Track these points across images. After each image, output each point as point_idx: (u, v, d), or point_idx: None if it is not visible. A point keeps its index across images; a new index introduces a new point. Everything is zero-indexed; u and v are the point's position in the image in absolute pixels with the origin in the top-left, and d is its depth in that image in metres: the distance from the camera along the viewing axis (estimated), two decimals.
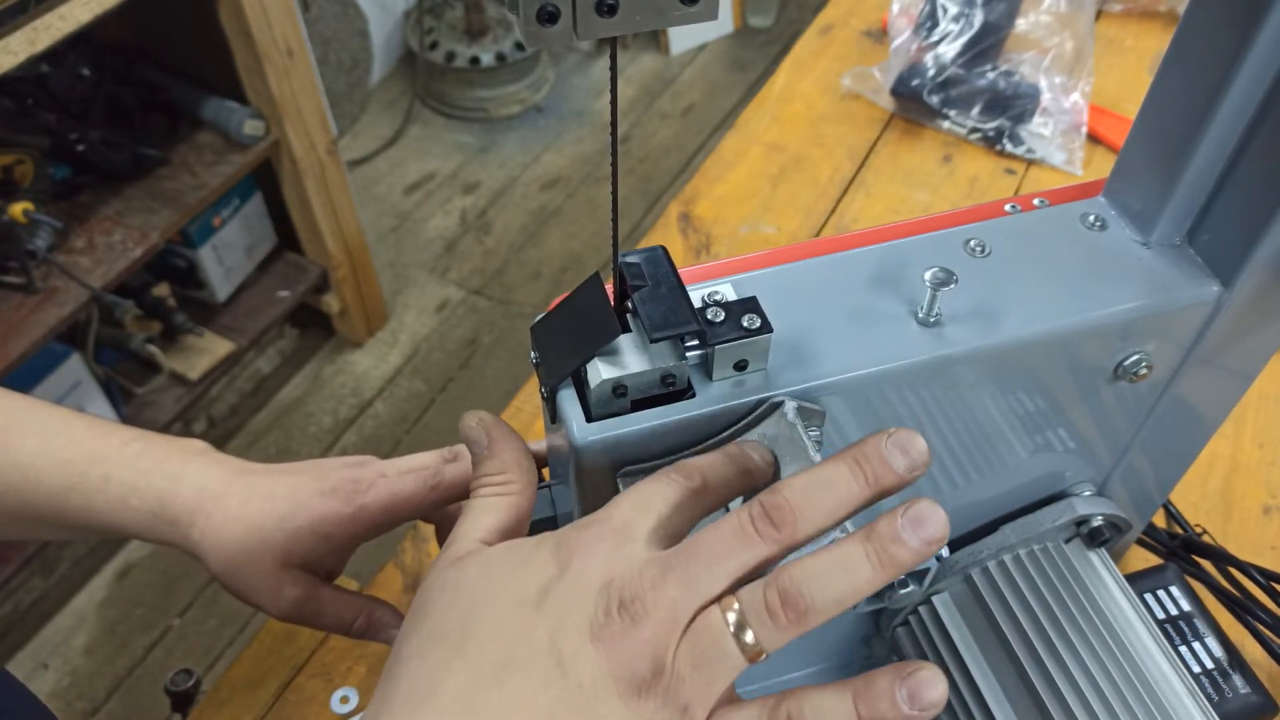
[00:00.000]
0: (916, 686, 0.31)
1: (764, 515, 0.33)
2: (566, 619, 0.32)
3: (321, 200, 1.71)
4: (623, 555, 0.33)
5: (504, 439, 0.40)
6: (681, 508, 0.35)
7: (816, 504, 0.33)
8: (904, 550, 0.31)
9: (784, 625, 0.31)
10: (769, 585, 0.31)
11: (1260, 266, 0.43)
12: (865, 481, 0.33)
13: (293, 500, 0.50)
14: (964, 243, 0.45)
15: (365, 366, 1.96)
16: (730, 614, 0.31)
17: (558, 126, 2.46)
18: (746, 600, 0.32)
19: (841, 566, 0.31)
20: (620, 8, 0.30)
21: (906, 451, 0.33)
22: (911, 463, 0.33)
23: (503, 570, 0.34)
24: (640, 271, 0.39)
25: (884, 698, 0.31)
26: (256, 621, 1.59)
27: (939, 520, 0.31)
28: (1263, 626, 0.62)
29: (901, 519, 0.31)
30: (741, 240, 0.94)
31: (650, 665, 0.31)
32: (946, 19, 1.01)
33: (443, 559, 0.36)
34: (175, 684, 0.69)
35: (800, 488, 0.33)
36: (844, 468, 0.33)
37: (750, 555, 0.32)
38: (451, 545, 0.37)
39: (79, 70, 1.50)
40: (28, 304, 1.37)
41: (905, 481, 0.33)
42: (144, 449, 0.51)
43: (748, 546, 0.32)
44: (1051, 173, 0.99)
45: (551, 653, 0.32)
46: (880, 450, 0.33)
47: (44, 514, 0.50)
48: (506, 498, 0.39)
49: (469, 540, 0.37)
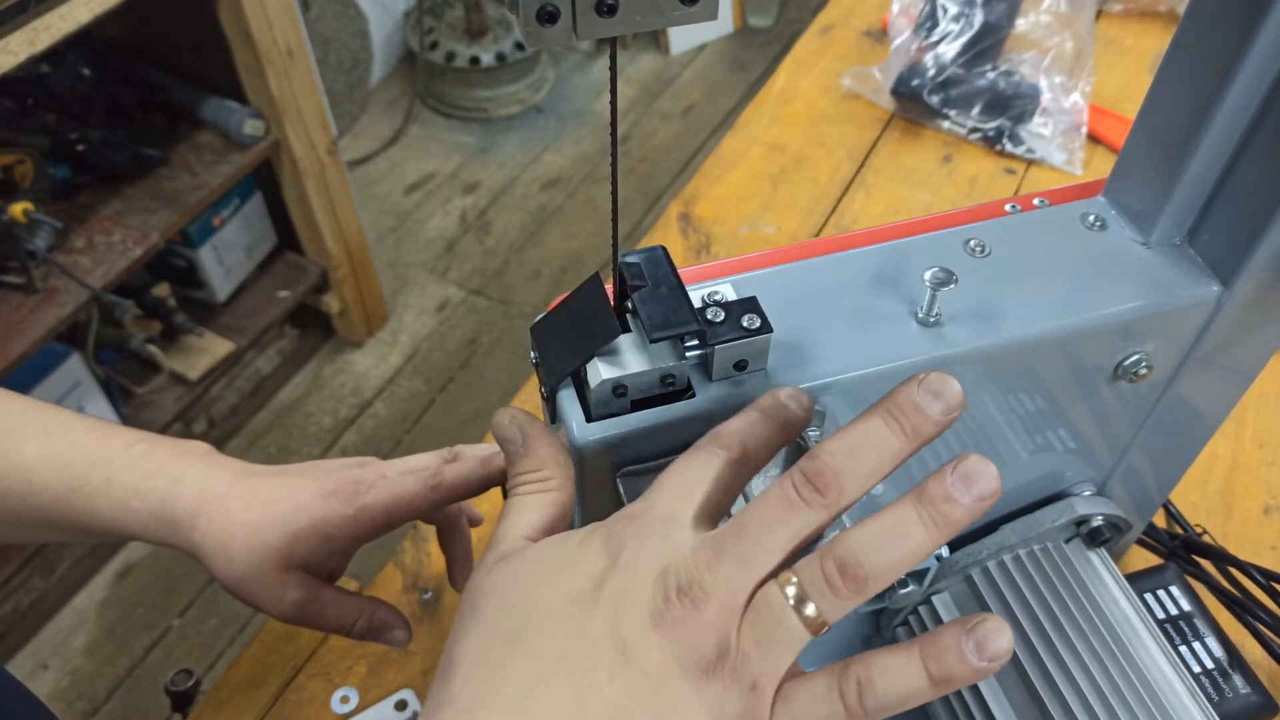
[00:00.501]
0: (983, 638, 0.30)
1: (807, 482, 0.32)
2: (625, 609, 0.32)
3: (321, 200, 1.71)
4: (672, 542, 0.33)
5: (539, 435, 0.39)
6: (723, 481, 0.34)
7: (859, 463, 0.32)
8: (957, 509, 0.30)
9: (845, 595, 0.31)
10: (825, 556, 0.31)
11: (1260, 266, 0.43)
12: (904, 434, 0.32)
13: (294, 502, 0.50)
14: (964, 243, 0.45)
15: (365, 366, 1.96)
16: (790, 588, 0.31)
17: (558, 126, 2.46)
18: (805, 573, 0.31)
19: (896, 531, 0.31)
20: (620, 8, 0.30)
21: (940, 395, 0.32)
22: (946, 405, 0.32)
23: (552, 565, 0.34)
24: (640, 271, 0.39)
25: (951, 651, 0.30)
26: (256, 621, 1.59)
27: (990, 474, 0.31)
28: (1263, 626, 0.62)
29: (951, 476, 0.31)
30: (741, 240, 0.94)
31: (715, 647, 0.31)
32: (946, 19, 1.01)
33: (487, 559, 0.36)
34: (175, 684, 0.69)
35: (839, 449, 0.32)
36: (879, 422, 0.32)
37: (800, 524, 0.32)
38: (495, 546, 0.36)
39: (79, 70, 1.50)
40: (28, 304, 1.37)
41: (943, 426, 0.32)
42: (146, 451, 0.51)
43: (796, 515, 0.32)
44: (1051, 173, 0.99)
45: (614, 643, 0.31)
46: (914, 398, 0.32)
47: (46, 517, 0.50)
48: (547, 494, 0.38)
49: (513, 539, 0.36)
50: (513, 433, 0.40)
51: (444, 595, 0.69)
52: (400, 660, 0.66)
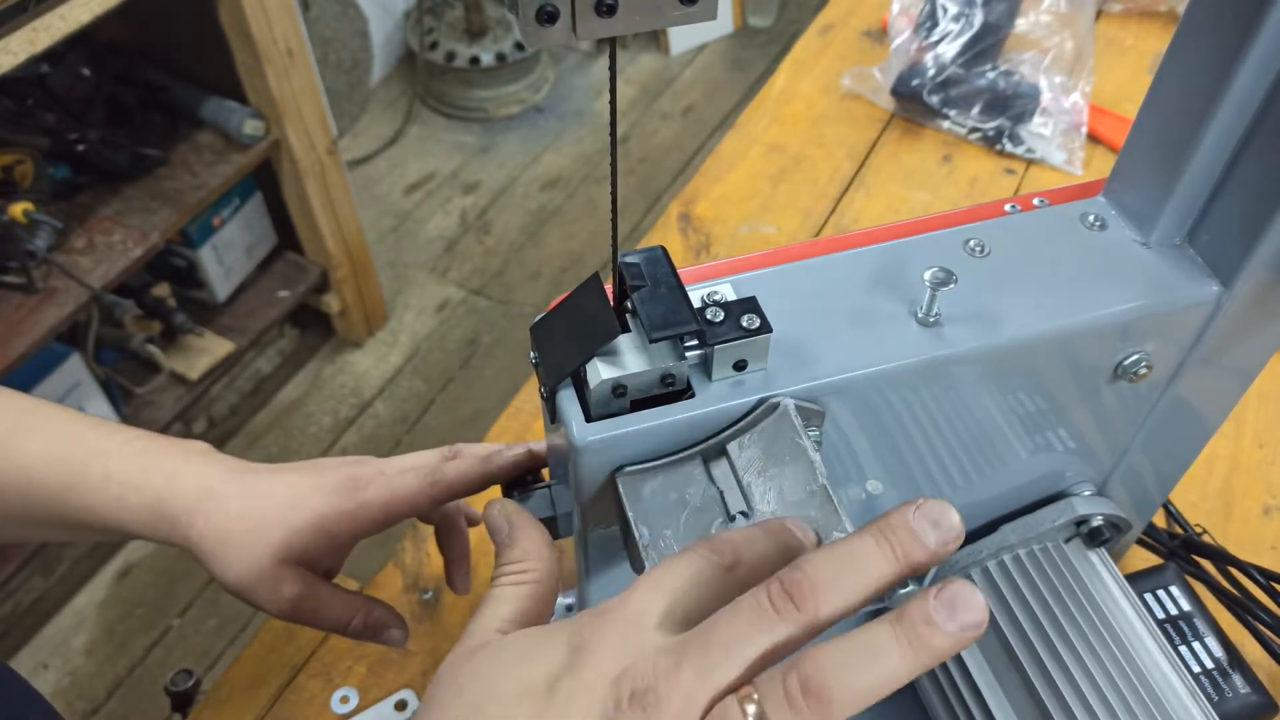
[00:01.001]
0: (949, 598, 0.29)
1: (783, 593, 0.30)
2: (575, 711, 0.31)
3: (321, 200, 1.71)
4: (635, 643, 0.31)
5: (524, 525, 0.40)
6: (705, 585, 0.33)
7: (842, 581, 0.30)
8: (939, 636, 0.29)
9: (804, 713, 0.29)
10: (789, 672, 0.29)
11: (1260, 266, 0.43)
12: (894, 557, 0.31)
13: (292, 497, 0.50)
14: (964, 243, 0.45)
15: (365, 366, 1.96)
16: (749, 705, 0.29)
17: (558, 126, 2.46)
18: (765, 689, 0.29)
19: (869, 653, 0.29)
20: (619, 8, 0.30)
21: (937, 524, 0.31)
22: (943, 537, 0.31)
23: (511, 660, 0.33)
24: (640, 271, 0.39)
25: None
26: (256, 621, 1.59)
27: (976, 604, 0.29)
28: (1263, 626, 0.62)
29: (935, 600, 0.29)
30: (741, 240, 0.94)
31: None
32: (946, 19, 1.01)
33: (458, 650, 0.36)
34: (175, 684, 0.69)
35: (823, 563, 0.31)
36: (870, 541, 0.31)
37: (770, 637, 0.30)
38: (468, 637, 0.36)
39: (79, 70, 1.50)
40: (28, 304, 1.37)
41: (938, 557, 0.31)
42: (145, 448, 0.51)
43: (767, 628, 0.30)
44: (1051, 173, 0.99)
45: None
46: (909, 523, 0.31)
47: (46, 514, 0.51)
48: (524, 586, 0.39)
49: (484, 630, 0.36)
50: (500, 523, 0.41)
51: (444, 595, 0.69)
52: (400, 660, 0.66)
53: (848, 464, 0.45)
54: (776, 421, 0.39)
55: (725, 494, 0.39)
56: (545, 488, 0.51)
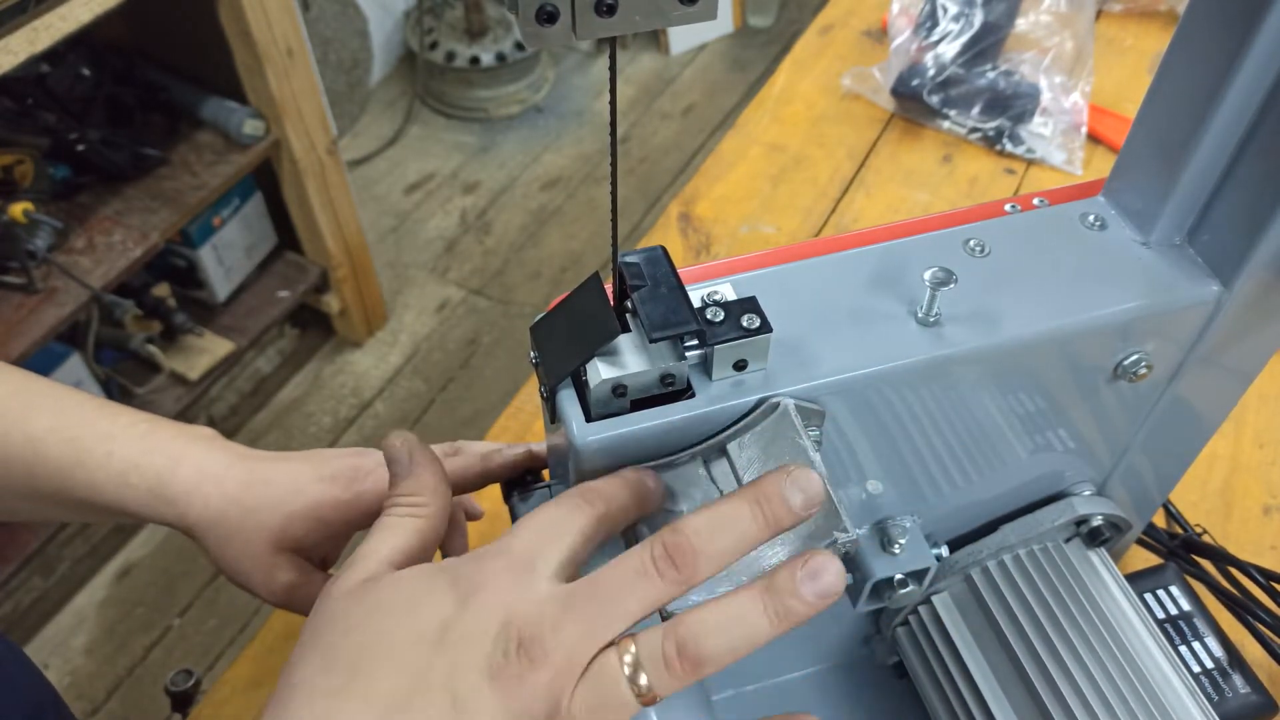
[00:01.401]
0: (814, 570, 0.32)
1: (666, 555, 0.33)
2: (464, 658, 0.32)
3: (321, 200, 1.71)
4: (525, 591, 0.33)
5: (425, 462, 0.40)
6: (581, 533, 0.35)
7: (717, 543, 0.33)
8: (800, 604, 0.32)
9: (678, 674, 0.32)
10: (667, 635, 0.32)
11: (1260, 266, 0.43)
12: (764, 521, 0.34)
13: (291, 485, 0.50)
14: (964, 243, 0.45)
15: (365, 366, 1.96)
16: (627, 657, 0.32)
17: (558, 126, 2.46)
18: (644, 647, 0.32)
19: (737, 619, 0.32)
20: (619, 8, 0.30)
21: (804, 490, 0.34)
22: (807, 500, 0.34)
23: (400, 603, 0.34)
24: (640, 271, 0.39)
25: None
26: (256, 621, 1.59)
27: (834, 572, 0.32)
28: (1263, 626, 0.62)
29: (800, 571, 0.32)
30: (741, 240, 0.94)
31: (546, 708, 0.32)
32: (946, 19, 1.01)
33: (342, 580, 0.36)
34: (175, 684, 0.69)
35: (702, 527, 0.33)
36: (745, 507, 0.34)
37: (651, 596, 0.33)
38: (353, 566, 0.36)
39: (79, 70, 1.50)
40: (28, 304, 1.37)
41: (801, 519, 0.34)
42: (150, 430, 0.51)
43: (649, 587, 0.33)
44: (1051, 173, 0.99)
45: (447, 692, 0.32)
46: (780, 489, 0.34)
47: (51, 489, 0.51)
48: (416, 520, 0.38)
49: (371, 560, 0.36)
50: (401, 454, 0.40)
51: None
52: None
53: (848, 464, 0.45)
54: (776, 421, 0.39)
55: (725, 494, 0.39)
56: (545, 488, 0.51)
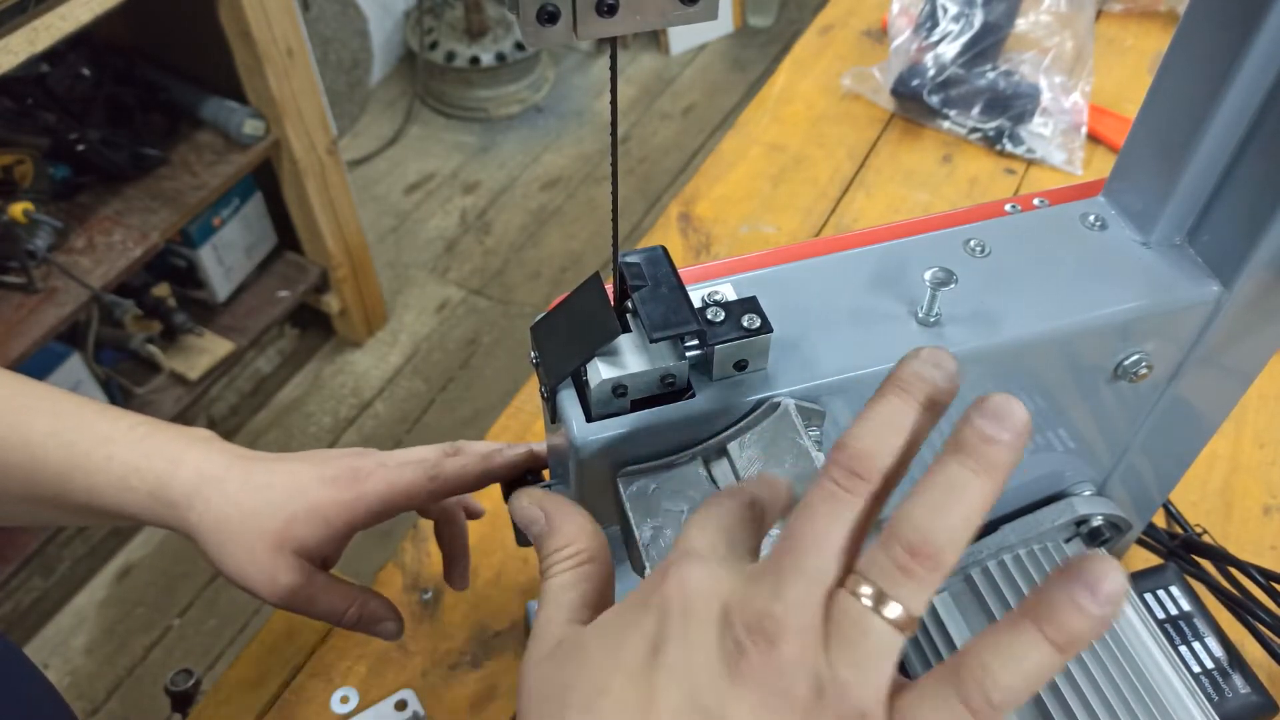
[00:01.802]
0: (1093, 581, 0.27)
1: (846, 471, 0.29)
2: (695, 668, 0.28)
3: (321, 200, 1.71)
4: (722, 579, 0.30)
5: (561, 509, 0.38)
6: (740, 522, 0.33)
7: (885, 442, 0.29)
8: (999, 448, 0.28)
9: (923, 578, 0.27)
10: (888, 544, 0.28)
11: (1260, 266, 0.43)
12: (919, 405, 0.30)
13: (292, 485, 0.50)
14: (964, 243, 0.45)
15: (365, 366, 1.96)
16: (862, 587, 0.28)
17: (558, 126, 2.46)
18: (873, 569, 0.28)
19: (951, 491, 0.28)
20: (620, 8, 0.30)
21: (940, 364, 0.30)
22: (947, 373, 0.30)
23: (599, 648, 0.31)
24: (640, 271, 0.39)
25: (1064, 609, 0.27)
26: (256, 621, 1.59)
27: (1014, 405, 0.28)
28: (1263, 626, 0.62)
29: (981, 419, 0.28)
30: (741, 240, 0.94)
31: (808, 683, 0.27)
32: (946, 19, 1.01)
33: (534, 653, 0.34)
34: (175, 684, 0.69)
35: (865, 433, 0.30)
36: (896, 400, 0.30)
37: (850, 516, 0.29)
38: (539, 637, 0.34)
39: (79, 70, 1.50)
40: (28, 304, 1.37)
41: (951, 394, 0.30)
42: (149, 433, 0.51)
43: (845, 509, 0.29)
44: (1051, 173, 0.99)
45: (694, 711, 0.28)
46: (918, 371, 0.30)
47: (51, 493, 0.51)
48: (581, 568, 0.36)
49: (558, 625, 0.34)
50: (534, 513, 0.38)
51: (444, 595, 0.69)
52: (400, 660, 0.66)
53: None
54: (777, 421, 0.39)
55: None
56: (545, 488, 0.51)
